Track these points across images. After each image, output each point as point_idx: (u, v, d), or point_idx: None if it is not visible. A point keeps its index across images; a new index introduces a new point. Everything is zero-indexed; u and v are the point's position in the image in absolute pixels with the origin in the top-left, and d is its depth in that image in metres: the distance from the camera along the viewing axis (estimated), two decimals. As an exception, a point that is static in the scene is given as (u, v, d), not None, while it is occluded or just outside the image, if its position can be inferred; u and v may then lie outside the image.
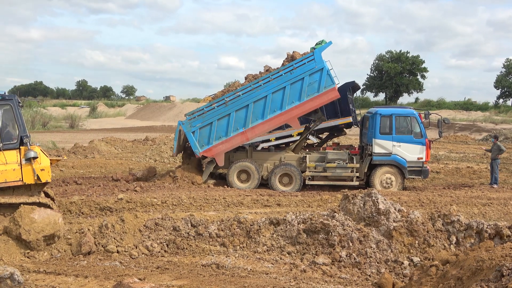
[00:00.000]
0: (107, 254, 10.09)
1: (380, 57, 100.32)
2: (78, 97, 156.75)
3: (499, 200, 16.53)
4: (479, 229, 9.59)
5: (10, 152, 11.73)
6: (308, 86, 18.32)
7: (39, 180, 11.84)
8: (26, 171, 11.74)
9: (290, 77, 18.26)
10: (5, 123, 11.80)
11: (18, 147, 11.81)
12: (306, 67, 18.23)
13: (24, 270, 9.03)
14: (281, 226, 10.39)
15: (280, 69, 18.57)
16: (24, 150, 11.75)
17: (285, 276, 8.80)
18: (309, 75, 18.23)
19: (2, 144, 11.63)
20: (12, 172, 11.62)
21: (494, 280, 5.84)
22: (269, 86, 18.37)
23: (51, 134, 45.69)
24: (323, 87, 18.24)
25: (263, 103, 18.38)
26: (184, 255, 10.03)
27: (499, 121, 61.91)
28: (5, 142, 11.69)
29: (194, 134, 18.77)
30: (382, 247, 9.58)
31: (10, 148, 11.73)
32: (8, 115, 11.82)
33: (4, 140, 11.68)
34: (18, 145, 11.81)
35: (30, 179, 11.79)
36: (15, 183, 11.70)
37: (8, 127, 11.88)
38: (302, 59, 18.41)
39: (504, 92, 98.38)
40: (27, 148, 11.74)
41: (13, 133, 11.89)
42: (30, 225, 10.09)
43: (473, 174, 23.05)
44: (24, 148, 11.77)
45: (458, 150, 33.33)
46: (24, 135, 11.77)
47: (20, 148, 11.81)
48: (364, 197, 10.47)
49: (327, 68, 18.26)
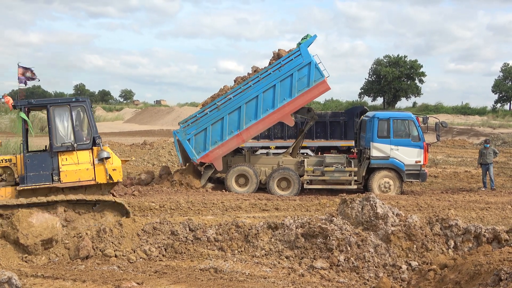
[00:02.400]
0: (105, 258, 10.08)
1: (378, 62, 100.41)
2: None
3: (497, 204, 16.55)
4: (477, 233, 9.59)
5: (83, 152, 12.39)
6: (298, 82, 18.33)
7: (111, 179, 12.45)
8: (98, 171, 12.37)
9: (279, 74, 18.29)
10: (79, 124, 12.51)
11: (90, 148, 12.45)
12: (294, 62, 18.27)
13: (22, 274, 9.03)
14: (279, 230, 10.39)
15: (268, 68, 18.58)
16: (96, 150, 12.41)
17: (283, 281, 8.80)
18: (298, 70, 18.27)
19: (76, 144, 12.27)
20: (85, 171, 12.27)
21: (492, 284, 5.85)
22: (259, 85, 18.40)
23: (49, 138, 45.66)
24: (312, 81, 18.28)
25: (255, 103, 18.40)
26: (182, 259, 10.02)
27: (497, 126, 61.99)
28: (79, 142, 12.34)
29: (190, 141, 18.77)
30: (380, 251, 9.58)
31: (83, 148, 12.39)
32: (81, 117, 12.58)
33: (77, 141, 12.32)
34: (91, 146, 12.46)
35: (102, 178, 12.39)
36: (88, 182, 12.31)
37: (81, 128, 12.58)
38: (289, 55, 18.45)
39: (501, 96, 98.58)
40: (99, 149, 12.40)
41: (85, 134, 12.59)
42: (28, 229, 10.09)
43: (471, 179, 23.08)
44: (96, 149, 12.42)
45: (456, 155, 33.35)
46: (96, 136, 12.43)
47: (93, 148, 12.45)
48: (362, 201, 10.47)
49: (315, 61, 18.28)
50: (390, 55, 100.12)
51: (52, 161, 12.14)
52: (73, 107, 12.41)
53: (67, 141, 12.26)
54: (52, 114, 12.30)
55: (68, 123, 12.35)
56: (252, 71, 19.55)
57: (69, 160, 12.23)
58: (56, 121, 12.34)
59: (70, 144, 12.25)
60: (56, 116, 12.35)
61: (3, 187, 12.23)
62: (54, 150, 12.19)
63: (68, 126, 12.34)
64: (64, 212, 11.76)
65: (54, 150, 12.19)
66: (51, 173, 12.11)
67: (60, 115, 12.38)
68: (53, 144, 12.21)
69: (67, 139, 12.29)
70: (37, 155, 12.36)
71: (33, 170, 12.03)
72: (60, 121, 12.36)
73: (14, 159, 12.47)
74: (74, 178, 12.18)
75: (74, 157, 12.27)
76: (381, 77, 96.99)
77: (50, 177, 12.10)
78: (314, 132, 23.81)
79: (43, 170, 12.09)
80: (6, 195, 12.09)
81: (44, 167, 12.11)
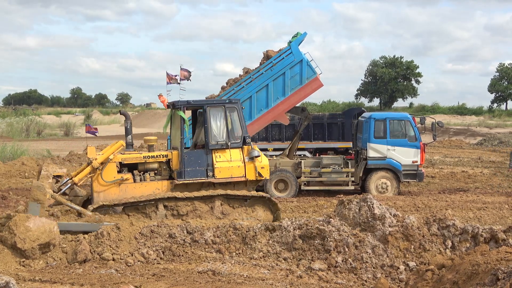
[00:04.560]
0: (102, 262, 10.05)
1: (374, 63, 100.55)
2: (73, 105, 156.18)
3: (494, 204, 16.59)
4: (474, 233, 9.60)
5: (234, 150, 13.41)
6: (291, 80, 18.36)
7: (260, 176, 13.39)
8: (249, 168, 13.32)
9: (271, 74, 18.30)
10: (231, 124, 13.45)
11: (241, 146, 13.42)
12: (286, 61, 18.29)
13: (19, 278, 9.00)
14: (277, 232, 10.39)
15: (260, 68, 18.59)
16: (247, 149, 13.40)
17: (281, 282, 8.80)
18: (290, 68, 18.30)
19: (230, 143, 13.26)
20: (237, 168, 13.26)
21: (489, 284, 5.86)
22: (252, 86, 18.39)
23: (46, 142, 45.60)
24: (305, 78, 18.32)
25: (248, 104, 18.40)
26: (180, 262, 10.01)
27: (493, 126, 62.17)
28: (232, 141, 13.31)
29: None
30: (378, 252, 9.58)
31: (235, 147, 13.39)
32: (234, 117, 13.54)
33: (230, 139, 13.28)
34: (241, 144, 13.42)
35: (252, 175, 13.33)
36: (239, 178, 13.29)
37: (233, 128, 13.51)
38: (280, 54, 18.48)
39: (498, 96, 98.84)
40: (250, 148, 13.40)
41: (237, 133, 13.52)
42: (25, 233, 10.05)
43: (468, 179, 23.11)
44: (247, 148, 13.41)
45: (452, 155, 33.41)
46: (247, 136, 13.49)
47: (243, 147, 13.41)
48: (359, 202, 10.48)
49: (306, 59, 18.32)
50: (386, 56, 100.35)
51: (207, 158, 13.23)
52: (227, 108, 13.41)
53: (221, 140, 13.26)
54: (208, 114, 13.31)
55: (222, 122, 13.35)
56: (244, 72, 19.56)
57: (222, 157, 13.26)
58: (212, 120, 13.34)
59: (224, 142, 13.25)
60: (211, 116, 13.35)
61: (160, 181, 13.31)
62: (209, 148, 13.23)
63: (222, 126, 13.35)
64: (221, 206, 12.72)
65: (210, 148, 13.24)
66: (206, 169, 13.18)
67: (215, 115, 13.39)
68: (208, 142, 13.22)
69: (220, 137, 13.28)
70: (194, 152, 13.44)
71: (191, 166, 13.12)
72: (215, 121, 13.38)
73: (170, 155, 13.48)
74: (227, 174, 13.19)
75: (227, 154, 13.29)
76: (377, 78, 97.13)
77: (205, 173, 13.18)
78: (312, 133, 23.84)
79: (199, 166, 13.19)
80: (162, 188, 13.15)
81: (200, 163, 13.20)
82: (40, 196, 11.08)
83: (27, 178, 22.35)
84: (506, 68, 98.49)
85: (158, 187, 13.14)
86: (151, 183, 13.20)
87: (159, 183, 13.22)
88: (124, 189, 12.96)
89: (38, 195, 11.06)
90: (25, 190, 19.12)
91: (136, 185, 13.09)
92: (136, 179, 13.30)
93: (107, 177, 12.89)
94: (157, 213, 12.48)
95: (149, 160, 13.44)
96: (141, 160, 13.41)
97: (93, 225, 11.20)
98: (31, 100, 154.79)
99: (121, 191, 12.92)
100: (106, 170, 12.88)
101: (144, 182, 13.21)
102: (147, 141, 14.20)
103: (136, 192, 12.87)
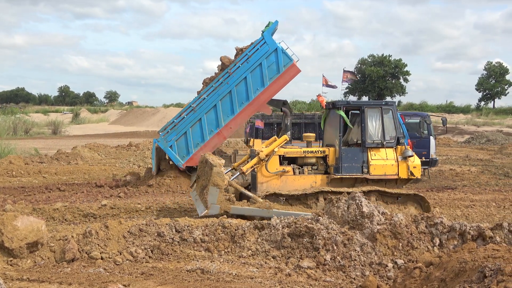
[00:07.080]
0: (91, 260, 10.00)
1: (363, 61, 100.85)
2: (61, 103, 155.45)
3: (482, 202, 16.70)
4: (462, 231, 9.66)
5: (389, 149, 14.13)
6: (268, 69, 18.47)
7: (413, 175, 14.02)
8: (402, 167, 13.97)
9: (248, 66, 18.37)
10: (387, 124, 14.13)
11: (395, 146, 14.13)
12: (260, 51, 18.39)
13: (7, 278, 8.94)
14: (265, 230, 10.39)
15: (236, 61, 18.59)
16: (401, 149, 14.09)
17: (270, 280, 8.80)
18: (266, 58, 18.44)
19: (385, 142, 14.02)
20: (390, 166, 13.97)
21: (477, 281, 5.89)
22: (231, 80, 18.47)
23: (33, 140, 45.31)
24: (282, 66, 18.46)
25: (229, 98, 18.45)
26: (168, 260, 9.99)
27: (481, 124, 62.53)
28: (386, 140, 14.04)
29: (172, 148, 18.71)
30: (366, 250, 9.62)
31: (389, 146, 14.12)
32: (389, 118, 14.21)
33: (385, 139, 14.03)
34: (395, 144, 14.13)
35: (404, 174, 13.98)
36: (392, 176, 14.03)
37: (388, 128, 14.17)
38: (254, 45, 18.58)
39: (485, 94, 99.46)
40: (404, 148, 14.08)
41: (391, 133, 14.18)
42: (13, 232, 9.98)
43: (456, 177, 23.26)
44: (401, 147, 14.10)
45: (440, 153, 33.55)
46: (401, 136, 14.20)
47: (397, 147, 14.11)
48: (348, 201, 10.52)
49: (281, 47, 18.45)
50: (374, 54, 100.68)
51: (363, 155, 14.02)
52: (384, 109, 14.15)
53: (376, 139, 14.05)
54: (366, 114, 14.07)
55: (378, 122, 14.09)
56: (219, 69, 19.56)
57: (377, 155, 14.02)
58: (368, 120, 14.08)
59: (379, 141, 14.03)
60: (368, 116, 14.09)
61: (317, 175, 14.24)
62: (366, 146, 14.01)
63: (378, 126, 14.10)
64: (376, 201, 13.10)
65: (366, 146, 14.02)
66: (362, 165, 13.99)
67: (372, 115, 14.13)
68: (365, 140, 14.00)
69: (376, 136, 14.08)
70: (351, 149, 14.20)
71: (348, 162, 13.96)
72: (372, 121, 14.11)
73: (327, 151, 14.36)
74: (381, 171, 13.94)
75: (382, 153, 14.05)
76: (365, 76, 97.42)
77: (360, 169, 14.00)
78: (302, 133, 23.82)
79: (355, 163, 14.00)
80: (318, 182, 14.08)
81: (356, 160, 14.01)
82: (220, 181, 12.20)
83: (14, 177, 22.22)
84: (493, 66, 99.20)
85: (315, 180, 14.09)
86: (308, 176, 14.13)
87: (316, 177, 14.17)
88: (285, 181, 13.97)
89: (217, 180, 12.19)
90: (12, 189, 19.00)
91: (296, 177, 14.05)
92: (295, 172, 14.18)
93: (271, 168, 13.93)
94: (317, 204, 13.21)
95: (308, 155, 14.42)
96: (301, 155, 14.42)
97: (264, 211, 12.22)
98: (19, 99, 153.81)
99: (282, 182, 13.93)
100: (270, 162, 13.92)
101: (303, 175, 14.15)
102: (306, 137, 15.20)
103: (295, 184, 13.90)
